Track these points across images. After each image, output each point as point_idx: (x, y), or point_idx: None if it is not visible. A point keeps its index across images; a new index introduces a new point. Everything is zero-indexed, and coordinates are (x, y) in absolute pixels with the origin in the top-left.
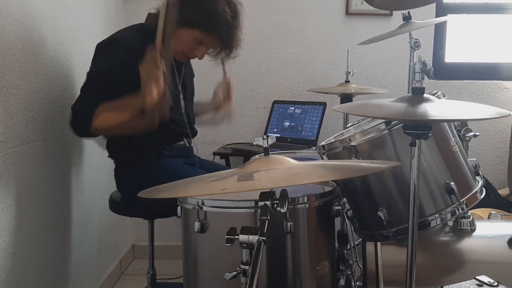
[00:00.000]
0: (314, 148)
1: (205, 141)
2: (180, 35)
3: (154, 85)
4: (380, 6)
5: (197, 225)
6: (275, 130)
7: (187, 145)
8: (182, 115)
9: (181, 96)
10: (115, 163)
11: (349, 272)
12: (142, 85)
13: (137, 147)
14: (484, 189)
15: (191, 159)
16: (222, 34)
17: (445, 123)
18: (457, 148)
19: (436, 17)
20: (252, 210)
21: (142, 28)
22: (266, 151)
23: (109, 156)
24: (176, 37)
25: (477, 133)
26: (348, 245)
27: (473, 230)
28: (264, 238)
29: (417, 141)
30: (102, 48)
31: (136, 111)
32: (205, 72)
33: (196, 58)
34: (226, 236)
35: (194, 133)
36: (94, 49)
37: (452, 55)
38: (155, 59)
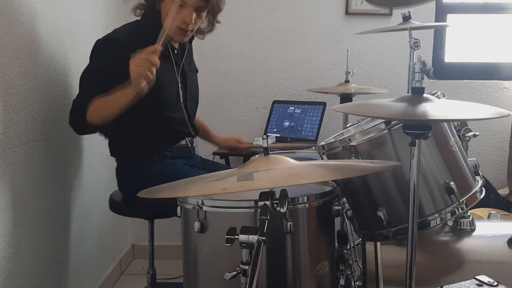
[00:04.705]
0: (313, 148)
1: (205, 141)
2: (164, 9)
3: (144, 81)
4: (380, 2)
5: (197, 225)
6: (275, 130)
7: (189, 145)
8: (183, 113)
9: (181, 94)
10: (117, 161)
11: (349, 272)
12: (132, 79)
13: (139, 147)
14: (483, 189)
15: (192, 159)
16: None
17: (445, 123)
18: (457, 148)
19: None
20: (252, 210)
21: (138, 26)
22: (266, 151)
23: (111, 155)
24: (163, 14)
25: (476, 133)
26: (348, 245)
27: (473, 230)
28: (264, 238)
29: (416, 141)
30: (99, 46)
31: (126, 102)
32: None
33: (197, 38)
34: (226, 236)
35: (196, 131)
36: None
37: (452, 55)
38: (151, 58)
